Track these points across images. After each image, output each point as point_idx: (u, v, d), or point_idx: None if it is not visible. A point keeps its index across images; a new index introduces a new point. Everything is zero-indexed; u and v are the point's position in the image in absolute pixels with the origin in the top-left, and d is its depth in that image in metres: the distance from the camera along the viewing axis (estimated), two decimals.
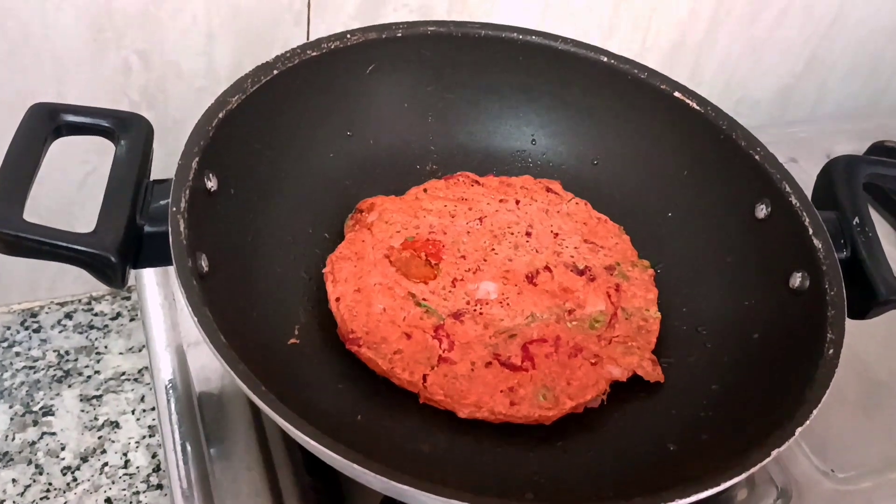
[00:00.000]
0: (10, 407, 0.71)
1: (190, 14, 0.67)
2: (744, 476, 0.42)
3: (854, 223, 0.55)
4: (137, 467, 0.69)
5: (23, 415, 0.71)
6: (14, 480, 0.67)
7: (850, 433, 0.61)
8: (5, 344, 0.76)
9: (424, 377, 0.52)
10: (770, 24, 0.87)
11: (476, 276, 0.58)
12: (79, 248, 0.45)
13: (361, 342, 0.53)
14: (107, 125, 0.51)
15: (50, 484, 0.67)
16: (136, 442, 0.71)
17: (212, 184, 0.52)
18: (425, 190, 0.63)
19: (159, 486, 0.68)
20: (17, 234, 0.44)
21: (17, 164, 0.47)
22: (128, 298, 0.81)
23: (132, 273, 0.69)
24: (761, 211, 0.58)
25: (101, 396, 0.74)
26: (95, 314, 0.80)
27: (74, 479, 0.68)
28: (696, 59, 0.87)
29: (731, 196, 0.60)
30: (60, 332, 0.77)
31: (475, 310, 0.56)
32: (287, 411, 0.41)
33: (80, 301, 0.80)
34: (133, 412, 0.73)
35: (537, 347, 0.54)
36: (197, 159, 0.50)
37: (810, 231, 0.55)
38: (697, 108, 0.62)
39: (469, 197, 0.63)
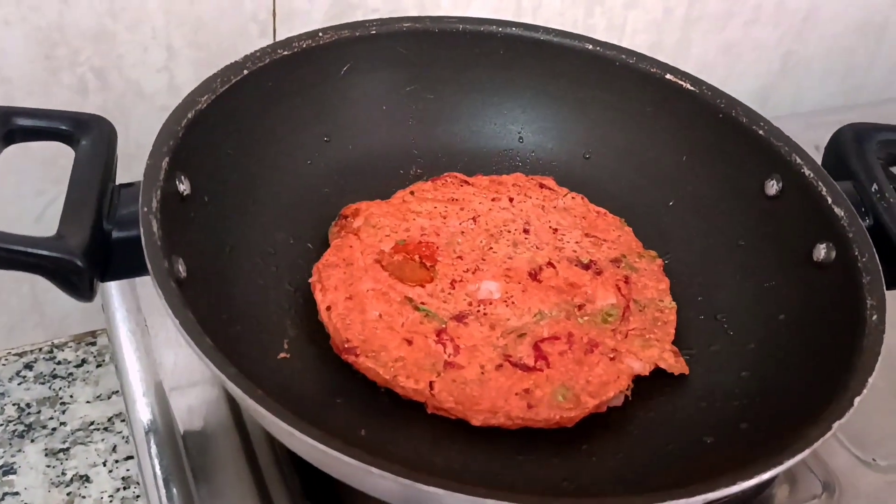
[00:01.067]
0: None
1: (149, 27, 0.63)
2: (806, 453, 0.38)
3: (873, 190, 0.52)
4: None
5: None
6: None
7: (885, 421, 0.57)
8: None
9: (431, 384, 0.47)
10: (744, 21, 0.86)
11: (476, 276, 0.54)
12: (40, 252, 0.40)
13: (358, 351, 0.48)
14: (65, 128, 0.47)
15: None
16: (110, 496, 0.64)
17: (184, 187, 0.48)
18: (412, 193, 0.59)
19: None
20: None
21: None
22: (93, 343, 0.75)
23: (102, 314, 0.65)
24: (772, 187, 0.55)
25: (68, 450, 0.67)
26: (58, 362, 0.73)
27: None
28: (674, 61, 0.84)
29: (738, 176, 0.57)
30: (20, 384, 0.71)
31: (479, 311, 0.52)
32: (289, 415, 0.36)
33: (40, 350, 0.74)
34: (105, 464, 0.66)
35: (550, 345, 0.50)
36: (167, 159, 0.46)
37: (829, 200, 0.51)
38: (692, 88, 0.59)
39: (459, 197, 0.59)
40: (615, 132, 0.62)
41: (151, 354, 0.54)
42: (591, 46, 0.61)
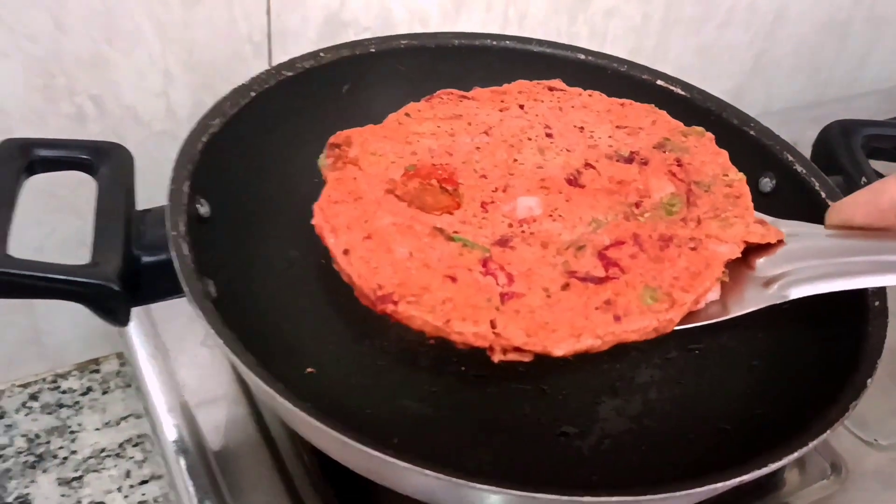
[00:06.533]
0: None
1: (146, 52, 0.64)
2: (827, 434, 0.40)
3: (862, 183, 0.55)
4: None
5: None
6: None
7: (883, 402, 0.60)
8: None
9: (492, 323, 0.41)
10: (717, 24, 0.89)
11: (508, 193, 0.47)
12: (78, 279, 0.40)
13: (396, 297, 0.41)
14: (84, 157, 0.47)
15: None
16: None
17: (204, 210, 0.49)
18: (407, 114, 0.52)
19: None
20: (4, 270, 0.39)
21: None
22: (97, 371, 0.75)
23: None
24: (767, 185, 0.57)
25: (81, 478, 0.67)
26: (63, 392, 0.73)
27: None
28: (652, 64, 0.87)
29: None
30: (27, 415, 0.71)
31: (523, 231, 0.45)
32: (339, 425, 0.37)
33: (44, 380, 0.74)
34: (119, 489, 0.66)
35: (616, 251, 0.44)
36: (188, 183, 0.47)
37: (823, 195, 0.54)
38: (683, 93, 0.62)
39: (462, 112, 0.53)
40: None
41: (174, 376, 0.54)
42: (582, 56, 0.63)
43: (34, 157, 0.46)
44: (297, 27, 0.68)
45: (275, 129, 0.57)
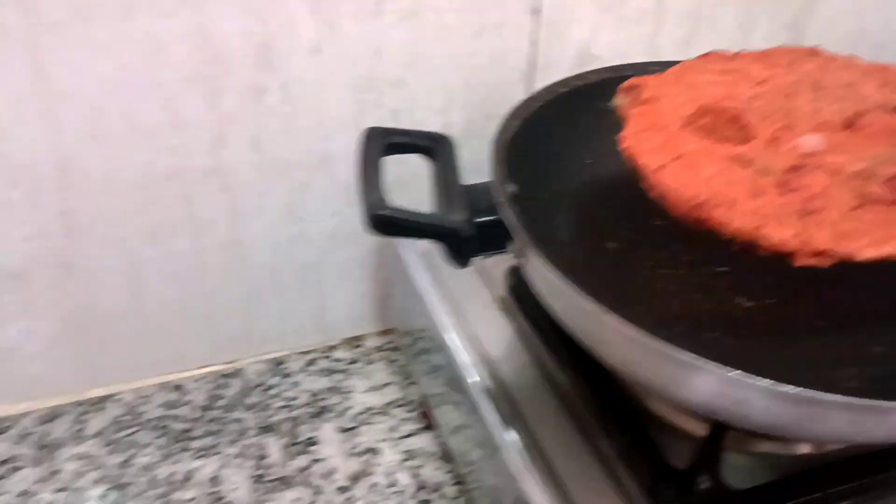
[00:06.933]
0: (279, 439, 0.77)
1: (437, 76, 0.77)
2: None
3: None
4: (404, 486, 0.74)
5: (290, 445, 0.77)
6: (297, 500, 0.72)
7: None
8: (263, 387, 0.83)
9: (798, 232, 0.46)
10: None
11: (792, 132, 0.52)
12: (440, 224, 0.53)
13: (711, 205, 0.47)
14: (426, 144, 0.60)
15: (329, 502, 0.72)
16: (397, 465, 0.76)
17: (511, 189, 0.60)
18: (685, 68, 0.59)
19: (426, 502, 0.73)
20: (390, 215, 0.52)
21: (370, 167, 0.56)
22: (359, 346, 0.88)
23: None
24: None
25: (356, 428, 0.79)
26: (335, 360, 0.86)
27: (349, 498, 0.73)
28: None
29: None
30: (308, 375, 0.84)
31: (811, 162, 0.50)
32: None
33: (318, 350, 0.87)
34: (386, 440, 0.78)
35: None
36: (505, 166, 0.59)
37: None
38: None
39: (735, 69, 0.59)
40: None
41: (469, 331, 0.66)
42: None
43: (390, 141, 0.59)
44: (556, 58, 0.81)
45: (553, 132, 0.68)
